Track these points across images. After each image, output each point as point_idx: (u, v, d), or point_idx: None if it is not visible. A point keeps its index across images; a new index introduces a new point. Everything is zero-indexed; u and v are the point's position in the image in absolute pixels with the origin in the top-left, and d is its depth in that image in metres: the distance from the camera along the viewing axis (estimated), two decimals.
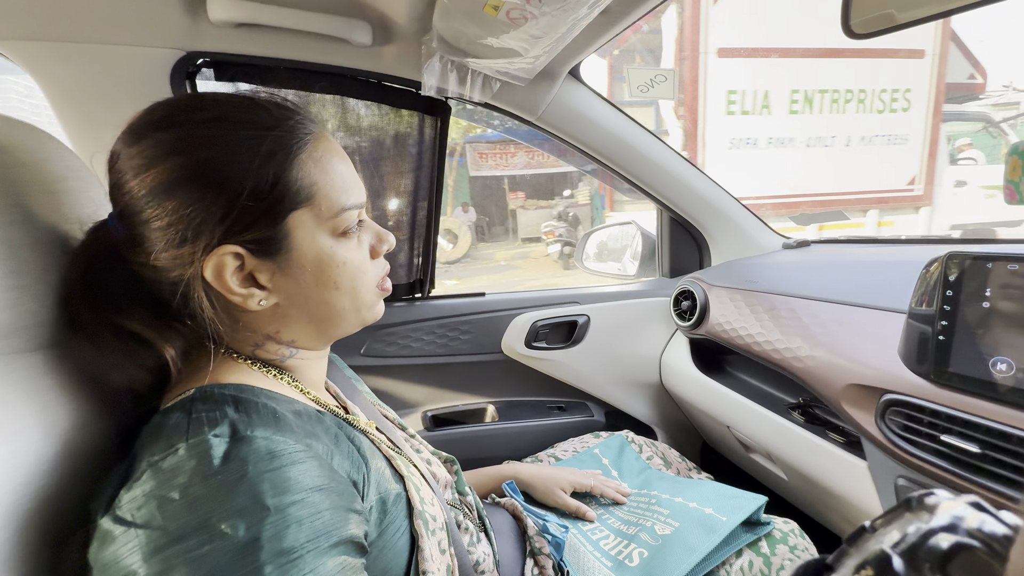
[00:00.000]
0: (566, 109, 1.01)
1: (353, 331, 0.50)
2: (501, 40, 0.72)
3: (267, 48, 0.82)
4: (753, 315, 0.95)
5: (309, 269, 0.44)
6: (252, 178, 0.39)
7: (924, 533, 0.21)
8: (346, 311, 0.47)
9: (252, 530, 0.32)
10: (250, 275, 0.42)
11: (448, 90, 0.87)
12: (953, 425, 0.58)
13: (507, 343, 1.17)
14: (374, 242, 0.50)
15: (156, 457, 0.34)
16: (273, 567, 0.31)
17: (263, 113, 0.42)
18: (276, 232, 0.41)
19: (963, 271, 0.58)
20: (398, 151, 1.01)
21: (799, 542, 0.71)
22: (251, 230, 0.40)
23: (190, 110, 0.41)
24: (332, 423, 0.45)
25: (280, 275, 0.43)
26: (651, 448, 0.98)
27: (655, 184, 1.16)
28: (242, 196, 0.39)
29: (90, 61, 0.74)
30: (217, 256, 0.40)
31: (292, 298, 0.44)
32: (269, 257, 0.42)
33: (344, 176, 0.45)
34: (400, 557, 0.44)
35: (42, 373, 0.41)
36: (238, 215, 0.39)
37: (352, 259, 0.46)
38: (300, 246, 0.43)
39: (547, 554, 0.66)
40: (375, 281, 0.50)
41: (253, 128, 0.41)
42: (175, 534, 0.31)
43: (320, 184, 0.43)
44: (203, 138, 0.39)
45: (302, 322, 0.46)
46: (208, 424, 0.36)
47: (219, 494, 0.32)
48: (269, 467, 0.34)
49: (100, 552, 0.32)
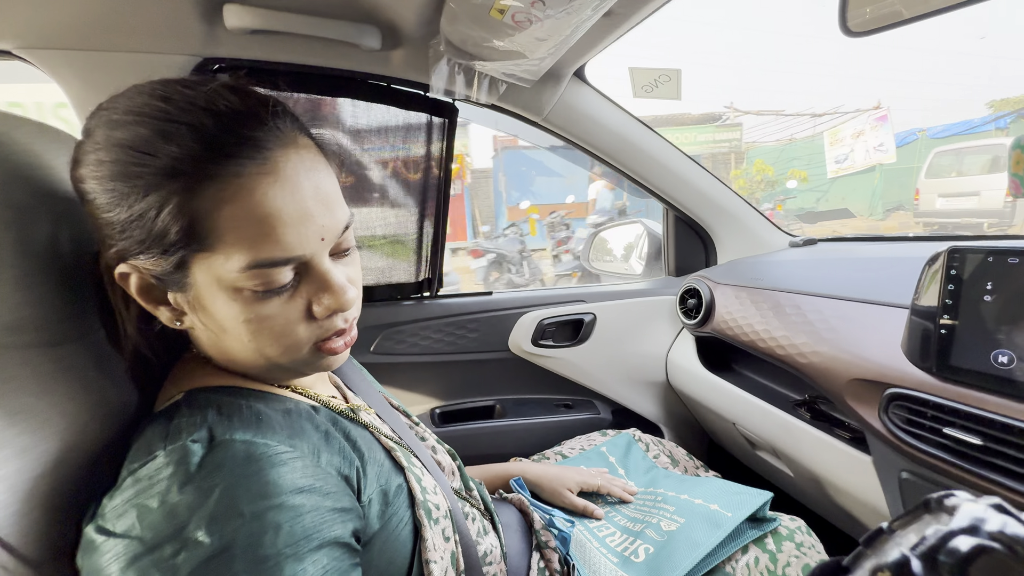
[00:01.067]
0: (571, 110, 1.03)
1: (304, 375, 0.46)
2: (506, 43, 0.73)
3: (280, 53, 0.85)
4: (758, 312, 0.96)
5: (212, 314, 0.38)
6: (150, 199, 0.33)
7: (944, 535, 0.20)
8: (273, 365, 0.41)
9: (225, 538, 0.31)
10: (164, 294, 0.38)
11: (455, 92, 0.89)
12: (956, 418, 0.58)
13: (514, 341, 1.18)
14: (313, 297, 0.39)
15: (135, 464, 0.34)
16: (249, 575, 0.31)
17: (203, 131, 0.34)
18: (171, 267, 0.36)
19: (965, 265, 0.58)
20: (407, 152, 1.03)
21: (805, 539, 0.71)
22: (144, 256, 0.35)
23: (126, 98, 0.36)
24: (326, 419, 0.45)
25: (187, 307, 0.39)
26: (658, 446, 0.99)
27: (661, 183, 1.17)
28: (136, 215, 0.34)
29: (113, 68, 0.77)
30: (119, 269, 0.37)
31: (213, 329, 0.39)
32: (170, 287, 0.38)
33: (277, 222, 0.35)
34: (404, 547, 0.45)
35: (69, 366, 0.42)
36: (130, 236, 0.35)
37: (263, 317, 0.37)
38: (200, 287, 0.37)
39: (553, 548, 0.67)
40: (306, 342, 0.41)
41: (177, 140, 0.33)
42: (151, 543, 0.30)
43: (224, 231, 0.34)
44: (117, 141, 0.34)
45: (238, 356, 0.41)
46: (187, 429, 0.35)
47: (195, 501, 0.31)
48: (246, 472, 0.33)
49: (84, 560, 0.33)
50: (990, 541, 0.19)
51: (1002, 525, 0.20)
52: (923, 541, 0.20)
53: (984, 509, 0.21)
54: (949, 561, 0.19)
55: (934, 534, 0.20)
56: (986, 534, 0.20)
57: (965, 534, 0.20)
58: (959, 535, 0.20)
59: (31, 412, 0.37)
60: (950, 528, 0.20)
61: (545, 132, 1.06)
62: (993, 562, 0.19)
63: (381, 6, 0.77)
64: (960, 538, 0.20)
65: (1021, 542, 0.19)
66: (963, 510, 0.21)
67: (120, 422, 0.45)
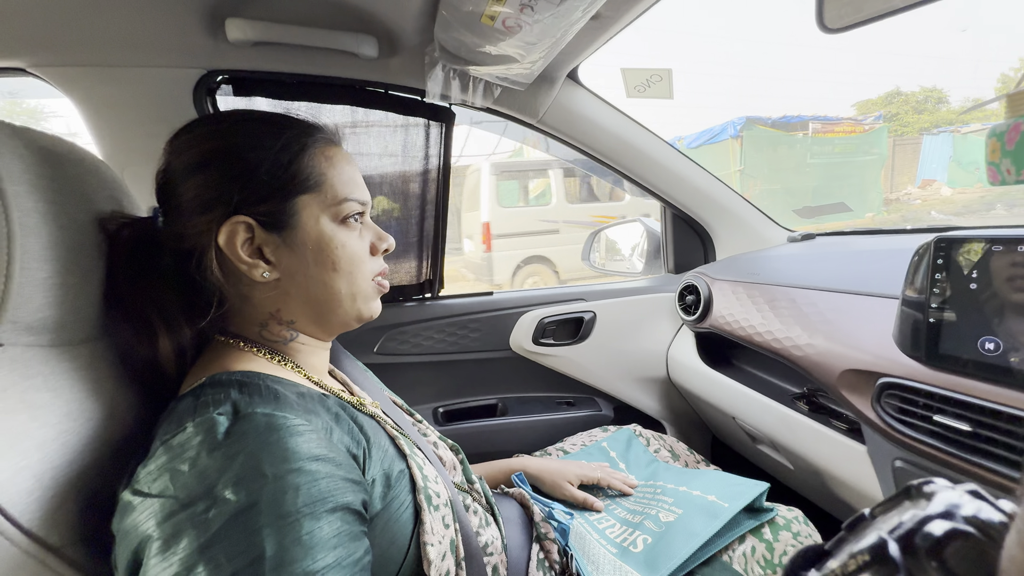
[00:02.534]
0: (566, 111, 1.04)
1: (351, 324, 0.54)
2: (499, 47, 0.75)
3: (281, 64, 0.88)
4: (754, 306, 0.97)
5: (311, 247, 0.49)
6: (270, 160, 0.47)
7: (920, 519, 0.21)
8: (342, 295, 0.52)
9: (252, 496, 0.34)
10: (258, 249, 0.48)
11: (451, 97, 0.91)
12: (946, 405, 0.59)
13: (515, 340, 1.20)
14: (374, 239, 0.55)
15: (167, 436, 0.38)
16: (271, 529, 0.34)
17: (287, 118, 0.51)
18: (285, 208, 0.48)
19: (951, 254, 0.59)
20: (406, 158, 1.06)
21: (803, 529, 0.72)
22: (264, 203, 0.47)
23: (231, 113, 0.51)
24: (335, 404, 0.48)
25: (285, 250, 0.48)
26: (659, 441, 1.00)
27: (658, 182, 1.19)
28: (259, 173, 0.47)
29: (121, 83, 0.80)
30: (231, 224, 0.46)
31: (293, 275, 0.49)
32: (276, 231, 0.48)
33: (351, 175, 0.52)
34: (405, 530, 0.47)
35: (86, 364, 0.45)
36: (253, 189, 0.47)
37: (351, 245, 0.51)
38: (305, 224, 0.49)
39: (552, 539, 0.68)
40: (372, 273, 0.54)
41: (276, 126, 0.50)
42: (184, 501, 0.34)
43: (328, 176, 0.50)
44: (233, 130, 0.48)
45: (300, 301, 0.51)
46: (213, 404, 0.39)
47: (222, 464, 0.35)
48: (268, 439, 0.37)
49: (121, 522, 0.36)
50: (965, 525, 0.20)
51: (976, 510, 0.20)
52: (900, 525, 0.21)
53: (960, 495, 0.22)
54: (924, 544, 0.20)
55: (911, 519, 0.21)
56: (961, 518, 0.20)
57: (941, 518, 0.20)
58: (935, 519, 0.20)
59: (51, 408, 0.40)
60: (927, 513, 0.21)
61: (541, 134, 1.08)
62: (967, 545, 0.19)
63: (377, 16, 0.80)
64: (936, 522, 0.20)
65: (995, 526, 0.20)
66: (940, 496, 0.22)
67: (134, 417, 0.48)
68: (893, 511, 0.23)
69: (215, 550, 0.33)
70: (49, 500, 0.38)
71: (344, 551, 0.37)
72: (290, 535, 0.34)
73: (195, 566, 0.32)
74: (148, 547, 0.34)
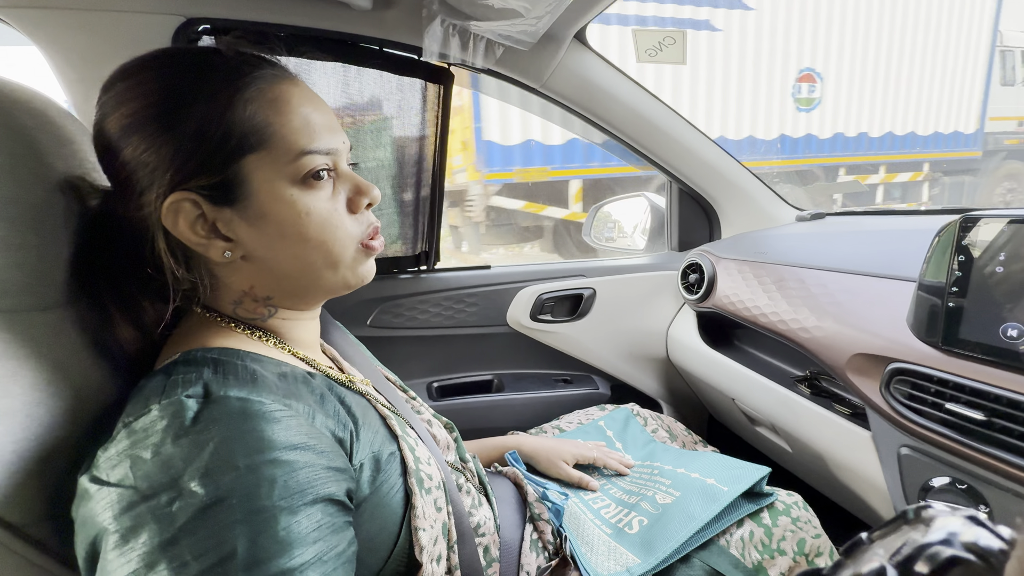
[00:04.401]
0: (572, 75, 0.98)
1: (338, 291, 0.48)
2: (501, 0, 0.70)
3: (267, 13, 0.81)
4: (761, 287, 0.94)
5: (272, 219, 0.42)
6: (197, 119, 0.39)
7: (920, 546, 0.20)
8: (318, 267, 0.45)
9: (221, 489, 0.31)
10: (213, 225, 0.41)
11: (450, 55, 0.85)
12: (960, 393, 0.57)
13: (512, 316, 1.17)
14: (351, 194, 0.46)
15: (130, 418, 0.34)
16: (244, 526, 0.31)
17: (216, 58, 0.42)
18: (228, 177, 0.40)
19: (976, 234, 0.56)
20: (401, 120, 1.00)
21: (802, 514, 0.71)
22: (201, 175, 0.39)
23: (156, 58, 0.41)
24: (321, 384, 0.45)
25: (243, 224, 0.42)
26: (656, 421, 0.99)
27: (665, 154, 1.14)
28: (187, 138, 0.38)
29: (93, 28, 0.74)
30: (172, 202, 0.39)
31: (259, 250, 0.43)
32: (227, 204, 0.41)
33: (308, 118, 0.43)
34: (395, 514, 0.45)
35: (56, 332, 0.42)
36: (185, 158, 0.39)
37: (319, 209, 0.43)
38: (258, 193, 0.41)
39: (546, 520, 0.67)
40: (354, 237, 0.46)
41: (205, 70, 0.40)
42: (145, 492, 0.31)
43: (275, 126, 0.41)
44: (155, 81, 0.40)
45: (274, 277, 0.45)
46: (183, 385, 0.36)
47: (189, 454, 0.32)
48: (241, 427, 0.34)
49: (78, 509, 0.33)
50: (964, 552, 0.20)
51: (976, 537, 0.20)
52: (899, 551, 0.21)
53: (959, 521, 0.22)
54: (924, 571, 0.20)
55: (910, 544, 0.21)
56: (960, 545, 0.20)
57: (940, 545, 0.20)
58: (935, 546, 0.20)
59: (15, 378, 0.37)
60: (926, 539, 0.21)
61: (544, 99, 1.03)
62: (967, 573, 0.19)
63: None
64: (935, 548, 0.20)
65: (994, 554, 0.20)
66: (939, 522, 0.22)
67: (109, 389, 0.45)
68: (891, 535, 0.23)
69: (179, 547, 0.30)
70: (10, 476, 0.35)
71: (325, 545, 0.35)
72: (264, 531, 0.32)
73: (156, 564, 0.30)
74: (105, 540, 0.31)
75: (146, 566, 0.30)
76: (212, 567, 0.30)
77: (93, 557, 0.32)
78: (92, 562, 0.32)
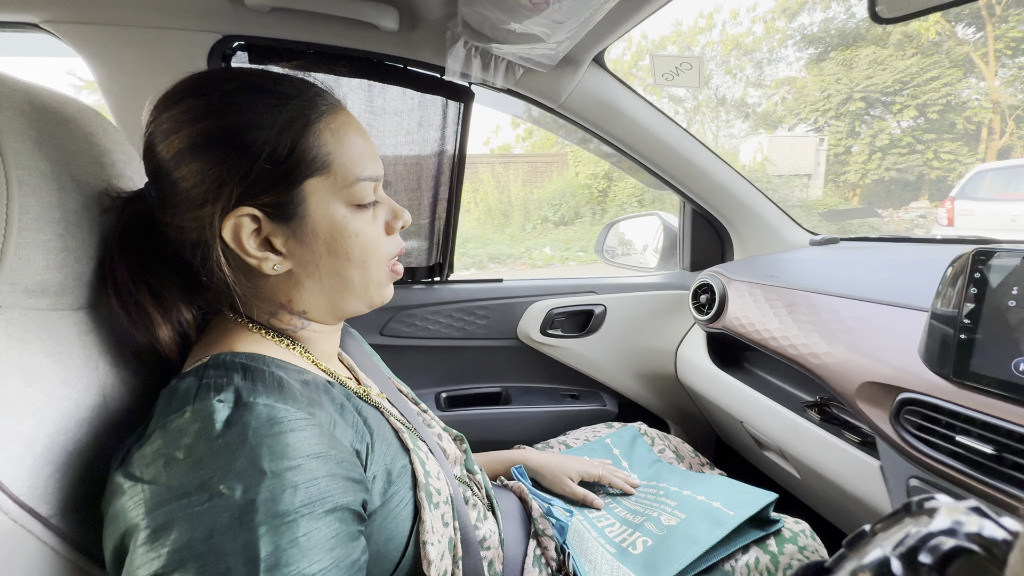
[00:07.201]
0: (589, 97, 1.01)
1: (362, 311, 0.51)
2: (524, 25, 0.72)
3: (298, 32, 0.85)
4: (772, 310, 0.94)
5: (322, 237, 0.45)
6: (271, 143, 0.42)
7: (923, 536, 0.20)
8: (356, 285, 0.48)
9: (249, 492, 0.33)
10: (266, 239, 0.44)
11: (471, 75, 0.88)
12: (971, 426, 0.56)
13: (523, 329, 1.18)
14: (389, 218, 0.51)
15: (164, 419, 0.36)
16: (267, 528, 0.32)
17: (286, 84, 0.45)
18: (292, 197, 0.43)
19: (990, 268, 0.56)
20: (421, 136, 1.03)
21: (809, 543, 0.70)
22: (268, 193, 0.42)
23: (219, 81, 0.44)
24: (340, 394, 0.46)
25: (295, 241, 0.44)
26: (663, 441, 0.98)
27: (679, 175, 1.15)
28: (260, 159, 0.41)
29: (136, 43, 0.78)
30: (235, 217, 0.42)
31: (305, 266, 0.46)
32: (284, 222, 0.44)
33: (360, 148, 0.47)
34: (403, 527, 0.46)
35: (88, 330, 0.44)
36: (256, 177, 0.41)
37: (365, 232, 0.47)
38: (314, 213, 0.44)
39: (550, 536, 0.67)
40: (387, 258, 0.51)
41: (275, 97, 0.43)
42: (177, 491, 0.32)
43: (336, 154, 0.45)
44: (228, 105, 0.42)
45: (314, 292, 0.47)
46: (215, 390, 0.37)
47: (220, 456, 0.33)
48: (269, 433, 0.35)
49: (110, 504, 0.34)
50: (968, 542, 0.20)
51: (979, 527, 0.20)
52: (903, 542, 0.21)
53: (963, 512, 0.21)
54: (927, 561, 0.19)
55: (914, 535, 0.21)
56: (964, 536, 0.20)
57: (944, 535, 0.20)
58: (938, 536, 0.20)
59: (48, 374, 0.39)
60: (929, 530, 0.21)
61: (562, 120, 1.05)
62: (970, 563, 0.19)
63: None
64: (939, 539, 0.20)
65: (998, 544, 0.19)
66: (942, 513, 0.22)
67: (135, 389, 0.46)
68: (894, 527, 0.23)
69: (208, 546, 0.31)
70: (41, 468, 0.37)
71: (341, 552, 0.36)
72: (287, 536, 0.33)
73: (185, 562, 0.31)
74: (135, 535, 0.32)
75: (176, 562, 0.31)
76: (238, 567, 0.31)
77: (121, 551, 0.33)
78: (120, 556, 0.33)
